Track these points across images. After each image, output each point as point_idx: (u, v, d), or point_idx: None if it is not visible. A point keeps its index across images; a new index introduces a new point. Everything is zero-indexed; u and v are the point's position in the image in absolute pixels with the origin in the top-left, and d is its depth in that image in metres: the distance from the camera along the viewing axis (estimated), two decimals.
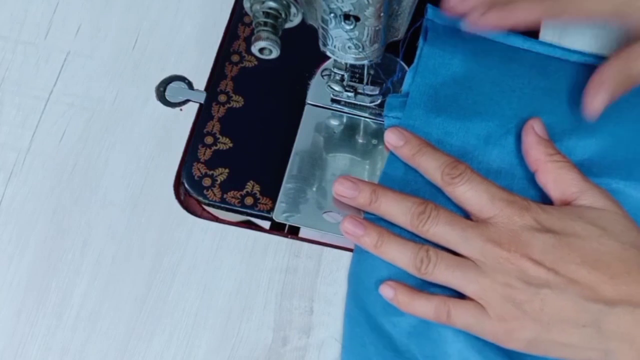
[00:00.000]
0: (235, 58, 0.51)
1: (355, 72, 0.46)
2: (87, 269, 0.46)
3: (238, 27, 0.52)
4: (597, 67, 0.44)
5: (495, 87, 0.47)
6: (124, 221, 0.47)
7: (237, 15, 0.53)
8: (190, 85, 0.50)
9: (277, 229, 0.51)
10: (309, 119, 0.50)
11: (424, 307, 0.42)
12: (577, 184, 0.43)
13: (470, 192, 0.42)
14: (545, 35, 0.50)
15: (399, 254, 0.43)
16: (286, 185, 0.48)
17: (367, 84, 0.47)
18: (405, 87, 0.47)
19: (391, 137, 0.45)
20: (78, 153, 0.48)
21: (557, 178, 0.44)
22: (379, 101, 0.48)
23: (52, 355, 0.44)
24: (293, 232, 0.49)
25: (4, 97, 0.49)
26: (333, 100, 0.49)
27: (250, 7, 0.36)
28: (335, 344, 0.44)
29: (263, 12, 0.36)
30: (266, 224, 0.52)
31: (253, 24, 0.37)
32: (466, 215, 0.43)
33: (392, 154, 0.46)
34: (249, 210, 0.48)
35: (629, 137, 0.47)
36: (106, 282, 0.46)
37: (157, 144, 0.49)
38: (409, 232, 0.43)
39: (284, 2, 0.36)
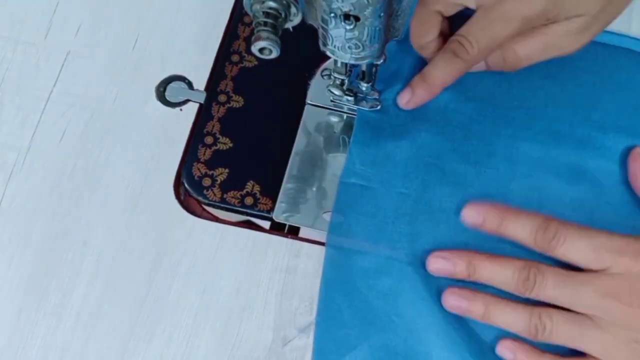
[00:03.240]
0: (235, 58, 0.51)
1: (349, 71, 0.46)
2: (87, 269, 0.46)
3: (238, 27, 0.52)
4: None
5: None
6: (124, 221, 0.47)
7: (237, 15, 0.53)
8: (190, 85, 0.50)
9: (277, 229, 0.51)
10: (309, 119, 0.50)
11: None
12: None
13: (572, 252, 0.40)
14: None
15: (511, 323, 0.41)
16: (286, 185, 0.48)
17: (368, 82, 0.47)
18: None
19: (470, 216, 0.43)
20: (78, 153, 0.48)
21: None
22: (378, 107, 0.48)
23: (52, 355, 0.44)
24: (293, 232, 0.49)
25: (4, 97, 0.49)
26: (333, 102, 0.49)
27: (250, 7, 0.36)
28: None
29: (263, 12, 0.36)
30: (266, 224, 0.52)
31: (253, 24, 0.37)
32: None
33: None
34: (249, 210, 0.48)
35: None
36: (106, 282, 0.46)
37: (157, 144, 0.49)
38: None
39: (284, 2, 0.36)
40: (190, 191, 0.48)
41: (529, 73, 0.46)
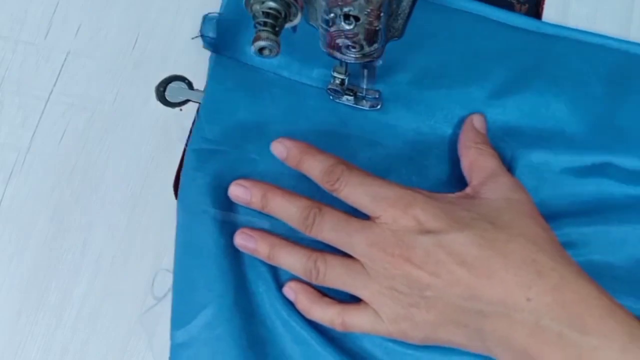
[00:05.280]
0: None
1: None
2: (87, 269, 0.46)
3: None
4: None
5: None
6: (124, 221, 0.47)
7: None
8: (190, 85, 0.50)
9: None
10: None
11: (321, 314, 0.43)
12: (489, 171, 0.43)
13: (352, 196, 0.42)
14: None
15: (291, 264, 0.43)
16: None
17: (368, 82, 0.47)
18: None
19: (276, 148, 0.44)
20: (78, 153, 0.48)
21: (473, 163, 0.44)
22: (379, 106, 0.48)
23: (52, 355, 0.44)
24: None
25: (4, 97, 0.49)
26: None
27: (250, 7, 0.36)
28: None
29: (263, 12, 0.36)
30: None
31: (253, 24, 0.37)
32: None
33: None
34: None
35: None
36: (106, 282, 0.46)
37: (157, 144, 0.49)
38: None
39: (284, 1, 0.36)
40: None
41: None
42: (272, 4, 0.36)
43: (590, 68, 0.48)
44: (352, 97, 0.47)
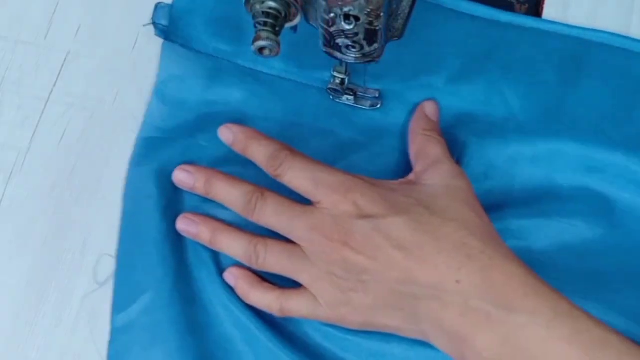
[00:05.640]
0: None
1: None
2: (87, 269, 0.46)
3: None
4: None
5: None
6: None
7: None
8: None
9: None
10: None
11: (259, 299, 0.44)
12: (433, 157, 0.44)
13: (294, 181, 0.42)
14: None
15: (232, 249, 0.44)
16: None
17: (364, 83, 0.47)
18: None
19: (223, 134, 0.45)
20: (78, 153, 0.48)
21: (419, 150, 0.45)
22: (379, 105, 0.48)
23: (52, 355, 0.44)
24: None
25: (4, 97, 0.49)
26: None
27: (251, 7, 0.36)
28: None
29: (263, 12, 0.36)
30: None
31: (253, 23, 0.37)
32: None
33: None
34: None
35: None
36: (106, 282, 0.46)
37: None
38: None
39: (284, 1, 0.36)
40: None
41: None
42: (272, 4, 0.36)
43: (542, 55, 0.48)
44: (352, 97, 0.48)
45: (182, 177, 0.45)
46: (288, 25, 0.38)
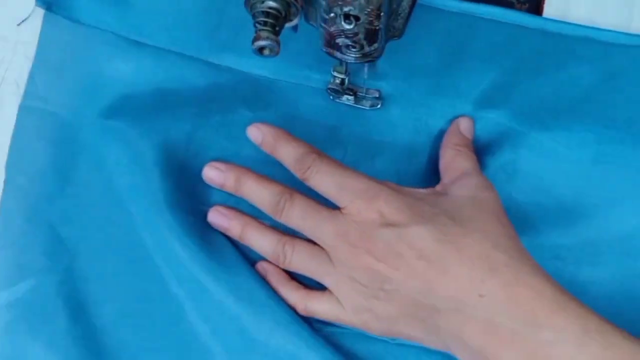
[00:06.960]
0: None
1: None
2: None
3: None
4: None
5: None
6: None
7: None
8: None
9: None
10: None
11: (286, 297, 0.44)
12: (461, 170, 0.44)
13: (320, 186, 0.42)
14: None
15: (261, 246, 0.44)
16: None
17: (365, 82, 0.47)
18: None
19: (252, 133, 0.45)
20: None
21: (449, 162, 0.45)
22: (379, 105, 0.48)
23: None
24: None
25: (4, 97, 0.49)
26: None
27: (251, 6, 0.36)
28: None
29: (263, 12, 0.36)
30: None
31: (253, 23, 0.37)
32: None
33: None
34: None
35: None
36: None
37: None
38: None
39: (284, 1, 0.36)
40: None
41: None
42: (272, 4, 0.36)
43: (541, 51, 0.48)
44: (352, 97, 0.47)
45: (212, 174, 0.45)
46: (288, 25, 0.38)
